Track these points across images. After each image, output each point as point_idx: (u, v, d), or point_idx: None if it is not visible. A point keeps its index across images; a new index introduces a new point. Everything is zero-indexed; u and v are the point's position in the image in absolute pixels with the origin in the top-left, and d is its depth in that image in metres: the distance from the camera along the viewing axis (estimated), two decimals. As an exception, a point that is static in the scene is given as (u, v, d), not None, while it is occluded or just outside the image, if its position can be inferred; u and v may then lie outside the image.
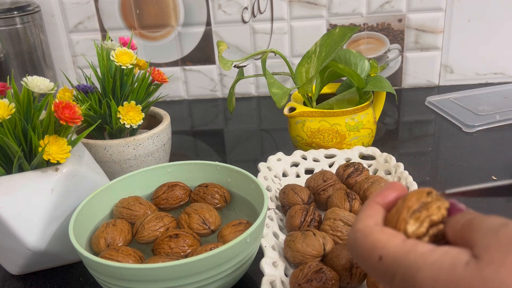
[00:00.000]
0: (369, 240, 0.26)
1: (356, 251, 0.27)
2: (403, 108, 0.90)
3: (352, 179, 0.59)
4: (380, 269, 0.25)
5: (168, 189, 0.53)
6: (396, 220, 0.27)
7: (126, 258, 0.42)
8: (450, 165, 0.68)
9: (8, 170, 0.48)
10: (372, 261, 0.26)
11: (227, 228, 0.46)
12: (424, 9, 0.91)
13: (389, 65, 0.97)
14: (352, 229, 0.28)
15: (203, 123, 0.91)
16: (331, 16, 0.93)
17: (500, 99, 0.87)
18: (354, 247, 0.27)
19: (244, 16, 0.94)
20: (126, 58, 0.58)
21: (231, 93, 0.75)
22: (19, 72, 0.88)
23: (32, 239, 0.46)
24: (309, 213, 0.51)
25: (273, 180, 0.61)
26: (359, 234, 0.27)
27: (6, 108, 0.44)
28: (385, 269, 0.25)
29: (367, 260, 0.26)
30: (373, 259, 0.26)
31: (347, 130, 0.66)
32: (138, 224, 0.48)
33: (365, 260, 0.26)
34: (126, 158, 0.60)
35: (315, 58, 0.68)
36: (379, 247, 0.26)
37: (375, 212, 0.28)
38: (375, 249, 0.26)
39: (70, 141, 0.48)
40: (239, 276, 0.45)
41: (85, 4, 0.95)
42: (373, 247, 0.26)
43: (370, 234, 0.26)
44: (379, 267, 0.25)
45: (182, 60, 0.99)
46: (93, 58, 0.97)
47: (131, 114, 0.59)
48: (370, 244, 0.26)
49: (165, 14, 0.95)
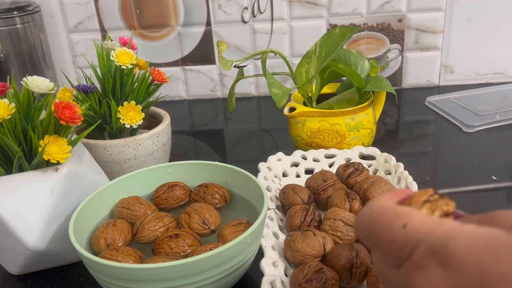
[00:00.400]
0: (391, 212, 0.24)
1: (372, 224, 0.24)
2: (403, 108, 0.90)
3: (352, 179, 0.59)
4: (400, 239, 0.23)
5: (168, 189, 0.53)
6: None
7: (126, 258, 0.42)
8: (450, 165, 0.68)
9: (8, 170, 0.48)
10: (393, 230, 0.23)
11: (227, 228, 0.46)
12: (424, 9, 0.91)
13: (389, 65, 0.97)
14: (366, 207, 0.26)
15: (203, 123, 0.91)
16: (331, 16, 0.93)
17: (500, 99, 0.87)
18: (369, 220, 0.25)
19: (244, 16, 0.94)
20: (126, 58, 0.58)
21: (231, 93, 0.75)
22: (19, 72, 0.88)
23: (32, 239, 0.46)
24: (309, 213, 0.51)
25: (273, 180, 0.61)
26: (377, 209, 0.25)
27: (6, 108, 0.44)
28: (406, 239, 0.23)
29: (386, 230, 0.24)
30: (395, 228, 0.23)
31: (347, 130, 0.66)
32: (138, 224, 0.48)
33: (383, 231, 0.24)
34: (126, 158, 0.60)
35: (315, 58, 0.68)
36: (404, 216, 0.23)
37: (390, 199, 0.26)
38: (399, 218, 0.24)
39: (70, 141, 0.48)
40: (239, 276, 0.45)
41: (85, 4, 0.95)
42: (395, 216, 0.24)
43: (391, 207, 0.24)
44: (400, 236, 0.23)
45: (182, 60, 0.99)
46: (93, 58, 0.97)
47: (131, 114, 0.59)
48: (392, 214, 0.24)
49: (165, 14, 0.95)
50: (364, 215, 0.26)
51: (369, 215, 0.25)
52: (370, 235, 0.25)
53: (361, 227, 0.26)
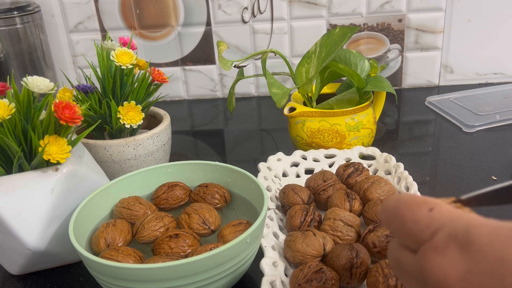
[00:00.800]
0: (420, 198, 0.25)
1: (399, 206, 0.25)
2: (403, 108, 0.90)
3: (352, 179, 0.59)
4: (425, 220, 0.24)
5: (168, 189, 0.53)
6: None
7: (126, 258, 0.42)
8: (450, 165, 0.68)
9: (8, 170, 0.48)
10: (419, 212, 0.24)
11: (227, 228, 0.46)
12: (424, 9, 0.91)
13: (389, 65, 0.97)
14: (394, 195, 0.27)
15: (203, 123, 0.91)
16: (331, 16, 0.93)
17: (500, 99, 0.87)
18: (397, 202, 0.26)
19: (244, 16, 0.94)
20: (126, 58, 0.58)
21: (231, 93, 0.75)
22: (19, 72, 0.88)
23: (32, 239, 0.46)
24: (309, 213, 0.51)
25: (273, 180, 0.61)
26: (406, 195, 0.26)
27: (6, 108, 0.44)
28: (430, 222, 0.24)
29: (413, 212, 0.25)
30: (422, 210, 0.24)
31: (347, 130, 0.66)
32: (138, 224, 0.48)
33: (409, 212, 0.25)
34: (126, 158, 0.60)
35: (315, 58, 0.68)
36: (432, 203, 0.25)
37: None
38: (427, 203, 0.25)
39: (70, 141, 0.48)
40: (239, 276, 0.45)
41: (85, 4, 0.95)
42: (424, 201, 0.25)
43: (420, 196, 0.26)
44: (424, 218, 0.24)
45: (182, 60, 0.99)
46: (93, 58, 0.97)
47: (131, 114, 0.59)
48: (421, 199, 0.25)
49: (165, 14, 0.95)
50: (392, 199, 0.26)
51: (397, 199, 0.26)
52: (395, 216, 0.25)
53: (387, 209, 0.26)
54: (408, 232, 0.25)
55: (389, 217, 0.26)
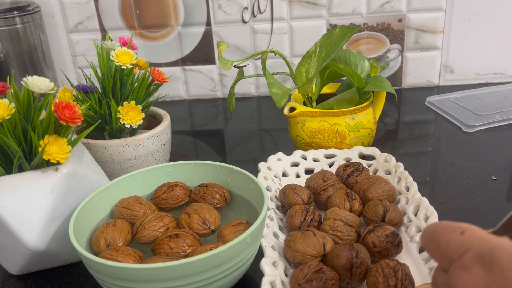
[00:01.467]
0: (456, 224, 0.28)
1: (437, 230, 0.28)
2: (403, 108, 0.90)
3: (352, 179, 0.59)
4: (456, 242, 0.26)
5: (168, 189, 0.53)
6: None
7: (126, 258, 0.42)
8: (450, 165, 0.68)
9: (8, 170, 0.48)
10: (452, 235, 0.27)
11: (227, 228, 0.46)
12: (424, 9, 0.91)
13: (389, 65, 0.97)
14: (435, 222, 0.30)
15: (203, 123, 0.91)
16: (331, 16, 0.93)
17: (500, 99, 0.87)
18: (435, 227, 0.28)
19: (244, 16, 0.94)
20: (126, 58, 0.58)
21: (231, 93, 0.75)
22: (19, 72, 0.88)
23: (32, 239, 0.46)
24: (309, 213, 0.51)
25: (273, 180, 0.61)
26: (444, 222, 0.28)
27: (6, 108, 0.44)
28: (461, 243, 0.26)
29: (447, 234, 0.27)
30: (455, 233, 0.27)
31: (347, 130, 0.66)
32: (138, 224, 0.48)
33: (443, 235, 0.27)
34: (126, 158, 0.60)
35: (315, 58, 0.68)
36: (465, 227, 0.27)
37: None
38: (461, 227, 0.27)
39: (70, 141, 0.48)
40: (239, 276, 0.45)
41: (85, 4, 0.95)
42: (458, 226, 0.27)
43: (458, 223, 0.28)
44: (456, 240, 0.27)
45: (182, 60, 0.99)
46: (93, 58, 0.97)
47: (131, 114, 0.59)
48: (456, 224, 0.28)
49: (165, 14, 0.95)
50: (431, 224, 0.29)
51: (436, 224, 0.29)
52: (432, 239, 0.29)
53: (425, 233, 0.29)
54: (442, 253, 0.27)
55: (427, 240, 0.29)
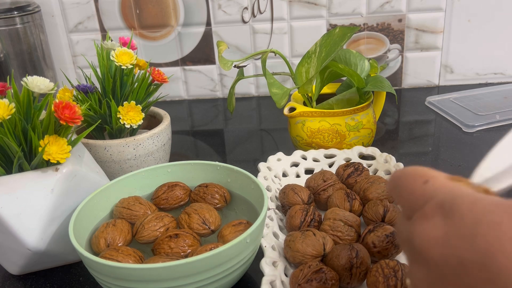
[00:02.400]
0: (420, 171, 0.27)
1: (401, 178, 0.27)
2: (403, 108, 0.90)
3: (352, 179, 0.59)
4: (418, 192, 0.26)
5: (168, 189, 0.53)
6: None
7: (126, 258, 0.42)
8: (450, 165, 0.68)
9: (8, 170, 0.48)
10: (415, 184, 0.26)
11: (227, 228, 0.46)
12: (424, 9, 0.91)
13: (389, 65, 0.97)
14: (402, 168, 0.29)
15: (203, 123, 0.91)
16: (331, 16, 0.93)
17: (500, 99, 0.87)
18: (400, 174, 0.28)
19: (244, 16, 0.94)
20: (126, 58, 0.58)
21: (231, 93, 0.75)
22: (19, 72, 0.88)
23: (32, 239, 0.46)
24: (309, 213, 0.51)
25: (273, 180, 0.61)
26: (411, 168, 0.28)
27: (6, 108, 0.44)
28: (423, 193, 0.25)
29: (410, 183, 0.26)
30: (418, 182, 0.26)
31: (347, 130, 0.66)
32: (138, 224, 0.48)
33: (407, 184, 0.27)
34: (126, 158, 0.60)
35: (315, 58, 0.68)
36: (429, 175, 0.26)
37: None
38: (424, 175, 0.26)
39: (70, 141, 0.48)
40: (239, 276, 0.45)
41: (85, 4, 0.95)
42: (422, 174, 0.27)
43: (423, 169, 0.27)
44: (417, 190, 0.26)
45: (182, 60, 0.99)
46: (93, 58, 0.97)
47: (131, 114, 0.59)
48: (420, 172, 0.27)
49: (165, 14, 0.95)
50: (398, 171, 0.28)
51: (402, 170, 0.28)
52: (396, 187, 0.28)
53: (392, 180, 0.28)
54: (405, 201, 0.27)
55: (392, 187, 0.28)
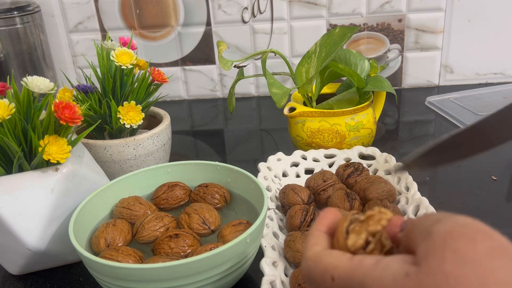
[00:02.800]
0: (320, 265, 0.27)
1: (311, 278, 0.28)
2: (403, 108, 0.90)
3: (352, 179, 0.59)
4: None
5: (168, 189, 0.53)
6: (337, 239, 0.28)
7: (126, 258, 0.42)
8: (450, 165, 0.68)
9: (8, 170, 0.48)
10: (327, 283, 0.27)
11: (227, 228, 0.46)
12: (424, 9, 0.91)
13: (389, 65, 0.97)
14: (303, 260, 0.29)
15: (203, 123, 0.91)
16: (331, 16, 0.93)
17: (500, 99, 0.87)
18: (309, 275, 0.28)
19: (244, 16, 0.94)
20: (126, 58, 0.58)
21: (231, 93, 0.75)
22: (19, 72, 0.88)
23: (32, 239, 0.46)
24: (309, 213, 0.51)
25: (273, 180, 0.61)
26: (311, 262, 0.28)
27: (6, 108, 0.44)
28: None
29: (322, 283, 0.27)
30: (327, 281, 0.27)
31: (347, 130, 0.66)
32: (138, 224, 0.48)
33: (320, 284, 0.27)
34: (126, 158, 0.60)
35: (315, 58, 0.68)
36: (330, 269, 0.27)
37: (319, 239, 0.29)
38: (327, 271, 0.27)
39: (70, 141, 0.48)
40: (239, 276, 0.45)
41: (85, 4, 0.95)
42: (324, 270, 0.27)
43: (320, 259, 0.28)
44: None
45: (182, 60, 0.99)
46: (93, 58, 0.97)
47: (131, 114, 0.59)
48: (322, 268, 0.27)
49: (165, 14, 0.95)
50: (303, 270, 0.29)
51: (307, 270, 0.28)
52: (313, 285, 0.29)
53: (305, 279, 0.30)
54: None
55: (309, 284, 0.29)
